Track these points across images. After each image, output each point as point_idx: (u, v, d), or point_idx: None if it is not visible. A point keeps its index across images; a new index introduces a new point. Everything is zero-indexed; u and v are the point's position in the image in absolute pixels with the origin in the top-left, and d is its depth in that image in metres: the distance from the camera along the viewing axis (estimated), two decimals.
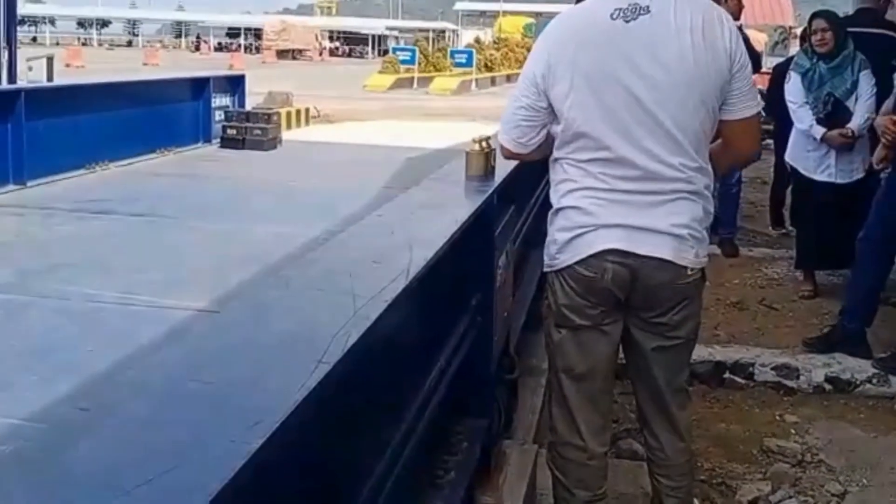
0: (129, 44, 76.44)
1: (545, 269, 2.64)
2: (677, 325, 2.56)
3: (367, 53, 69.11)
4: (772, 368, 4.61)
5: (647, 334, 2.57)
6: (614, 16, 2.35)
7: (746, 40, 7.08)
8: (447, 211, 2.49)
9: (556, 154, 2.53)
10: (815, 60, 5.72)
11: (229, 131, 8.74)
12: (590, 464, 2.62)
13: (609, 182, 2.42)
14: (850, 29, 5.80)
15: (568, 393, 2.61)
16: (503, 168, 3.10)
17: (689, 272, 2.48)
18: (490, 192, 2.66)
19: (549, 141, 2.57)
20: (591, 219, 2.44)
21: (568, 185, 2.49)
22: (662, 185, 2.41)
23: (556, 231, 2.54)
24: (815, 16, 5.84)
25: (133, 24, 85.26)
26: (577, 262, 2.47)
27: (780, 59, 9.54)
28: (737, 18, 6.91)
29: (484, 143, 2.85)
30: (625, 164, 2.39)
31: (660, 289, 2.47)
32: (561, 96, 2.40)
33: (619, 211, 2.42)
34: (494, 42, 43.60)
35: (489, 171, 2.82)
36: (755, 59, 7.38)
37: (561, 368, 2.62)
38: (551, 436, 2.72)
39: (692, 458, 2.80)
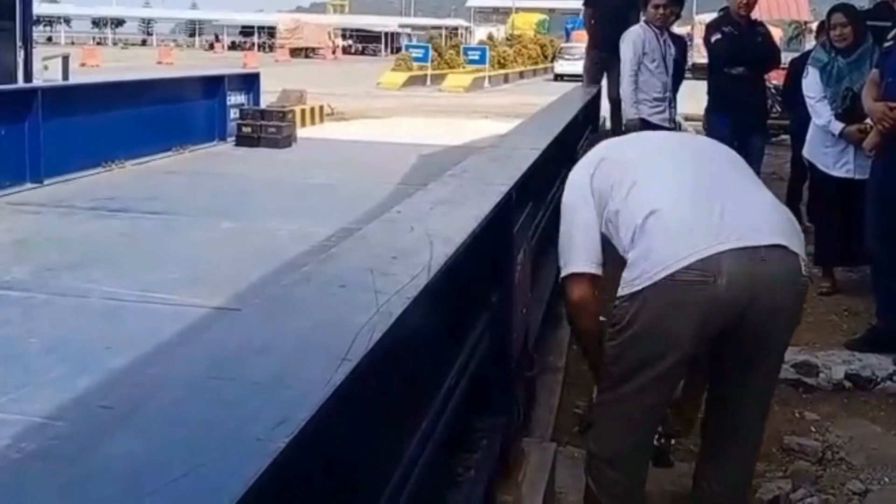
0: (144, 43, 76.71)
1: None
2: None
3: (379, 51, 69.12)
4: (791, 366, 4.57)
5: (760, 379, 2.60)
6: None
7: (768, 35, 7.09)
8: (465, 207, 2.48)
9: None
10: (833, 55, 5.67)
11: (244, 129, 8.75)
12: (630, 484, 2.55)
13: None
14: (868, 23, 5.75)
15: (629, 413, 2.49)
16: (521, 163, 3.09)
17: None
18: (508, 188, 2.64)
19: None
20: None
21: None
22: None
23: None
24: (833, 10, 5.78)
25: (147, 24, 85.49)
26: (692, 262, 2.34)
27: (795, 55, 9.50)
28: (748, 12, 6.86)
29: None
30: None
31: None
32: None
33: None
34: (507, 39, 43.54)
35: None
36: (775, 53, 7.36)
37: (652, 402, 2.49)
38: (594, 447, 2.61)
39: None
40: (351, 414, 1.29)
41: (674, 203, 2.40)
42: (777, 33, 23.33)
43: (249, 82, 9.71)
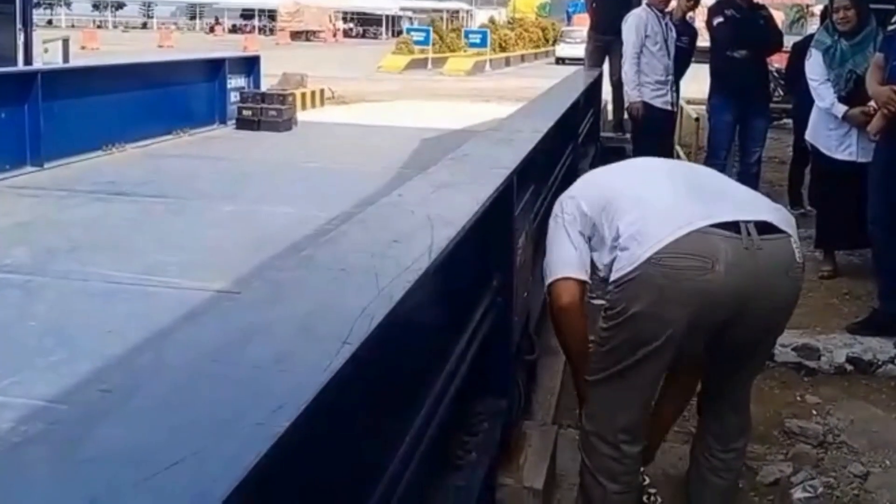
0: (144, 26, 76.41)
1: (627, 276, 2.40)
2: None
3: (380, 34, 68.83)
4: (792, 349, 4.57)
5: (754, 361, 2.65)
6: None
7: (770, 18, 7.06)
8: (467, 191, 2.47)
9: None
10: (836, 37, 5.64)
11: (244, 112, 8.72)
12: (625, 461, 2.54)
13: None
14: (872, 6, 5.72)
15: (623, 392, 2.49)
16: (523, 146, 3.08)
17: None
18: (510, 171, 2.63)
19: None
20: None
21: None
22: None
23: None
24: None
25: (147, 6, 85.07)
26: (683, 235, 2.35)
27: (798, 38, 9.45)
28: None
29: None
30: None
31: None
32: None
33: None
34: (509, 22, 43.38)
35: None
36: (778, 36, 7.34)
37: (645, 379, 2.49)
38: (587, 424, 2.60)
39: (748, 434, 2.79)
40: (351, 397, 1.28)
41: (661, 193, 2.45)
42: (779, 17, 23.23)
43: (250, 65, 9.67)
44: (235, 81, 9.12)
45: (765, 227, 2.33)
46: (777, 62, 10.31)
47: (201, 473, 0.88)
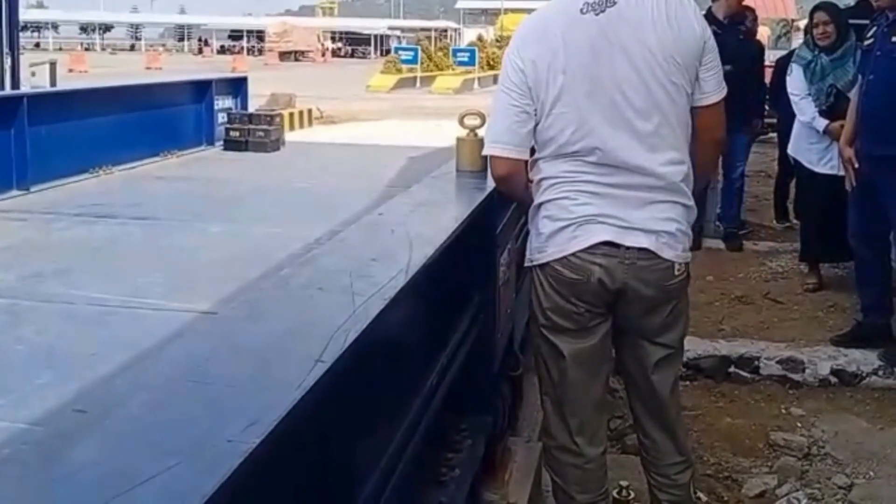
0: (132, 48, 76.69)
1: (528, 265, 2.62)
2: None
3: (369, 54, 69.15)
4: (777, 362, 4.60)
5: (654, 346, 2.58)
6: (584, 10, 2.35)
7: (747, 33, 7.12)
8: (448, 209, 2.50)
9: (537, 154, 2.50)
10: (816, 52, 5.71)
11: (232, 133, 8.72)
12: (587, 467, 2.60)
13: (597, 177, 2.42)
14: (851, 21, 5.79)
15: (562, 397, 2.58)
16: None
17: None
18: (491, 189, 2.66)
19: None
20: (586, 209, 2.43)
21: (550, 181, 2.48)
22: (650, 180, 2.42)
23: (543, 220, 2.52)
24: (816, 8, 5.82)
25: (135, 29, 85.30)
26: (570, 255, 2.46)
27: (783, 53, 9.52)
28: (738, 13, 6.89)
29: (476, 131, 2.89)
30: (614, 159, 2.40)
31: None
32: (548, 96, 2.38)
33: (609, 204, 2.43)
34: (497, 40, 43.57)
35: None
36: (760, 52, 7.39)
37: (556, 375, 2.59)
38: (546, 439, 2.69)
39: (690, 456, 2.77)
40: (326, 415, 1.30)
41: (572, 190, 2.45)
42: (765, 32, 23.38)
43: (237, 86, 9.67)
44: (223, 102, 9.12)
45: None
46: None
47: (172, 490, 0.90)
